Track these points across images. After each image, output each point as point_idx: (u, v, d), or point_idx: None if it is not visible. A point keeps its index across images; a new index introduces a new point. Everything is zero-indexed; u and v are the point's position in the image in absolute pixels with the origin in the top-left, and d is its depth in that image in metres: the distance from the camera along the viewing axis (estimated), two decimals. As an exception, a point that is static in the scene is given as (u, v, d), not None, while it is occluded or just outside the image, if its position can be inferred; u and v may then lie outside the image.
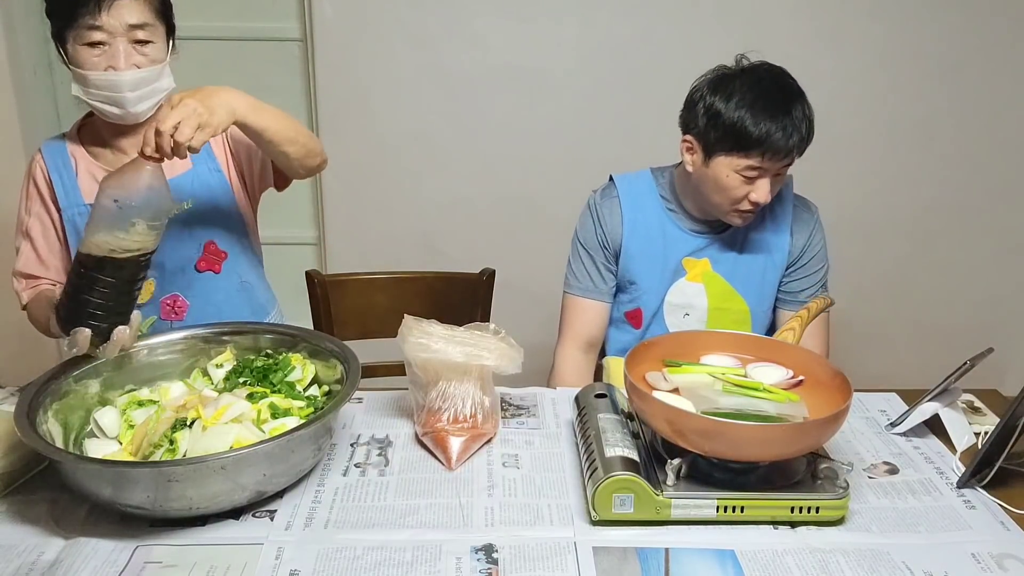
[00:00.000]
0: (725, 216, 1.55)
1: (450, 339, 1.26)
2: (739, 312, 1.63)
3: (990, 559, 1.04)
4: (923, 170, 2.67)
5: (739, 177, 1.46)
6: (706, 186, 1.51)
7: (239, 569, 1.00)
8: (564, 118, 2.61)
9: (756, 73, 1.47)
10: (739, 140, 1.43)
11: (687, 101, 1.53)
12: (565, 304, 1.70)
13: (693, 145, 1.51)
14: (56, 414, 1.16)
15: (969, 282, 2.79)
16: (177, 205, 1.44)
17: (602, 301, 1.66)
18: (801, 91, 1.47)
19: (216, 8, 2.62)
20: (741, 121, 1.42)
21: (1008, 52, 2.55)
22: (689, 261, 1.62)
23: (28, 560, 1.02)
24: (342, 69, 2.56)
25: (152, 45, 1.35)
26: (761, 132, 1.41)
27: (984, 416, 1.40)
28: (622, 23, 2.52)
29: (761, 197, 1.47)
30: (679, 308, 1.64)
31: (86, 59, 1.32)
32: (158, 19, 1.36)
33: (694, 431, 1.06)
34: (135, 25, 1.32)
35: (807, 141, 1.46)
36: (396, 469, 1.22)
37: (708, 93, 1.48)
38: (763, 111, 1.41)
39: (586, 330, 1.67)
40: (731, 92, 1.44)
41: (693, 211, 1.61)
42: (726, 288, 1.62)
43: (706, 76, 1.51)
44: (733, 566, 1.02)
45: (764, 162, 1.44)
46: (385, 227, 2.72)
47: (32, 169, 1.47)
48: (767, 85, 1.45)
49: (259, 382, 1.27)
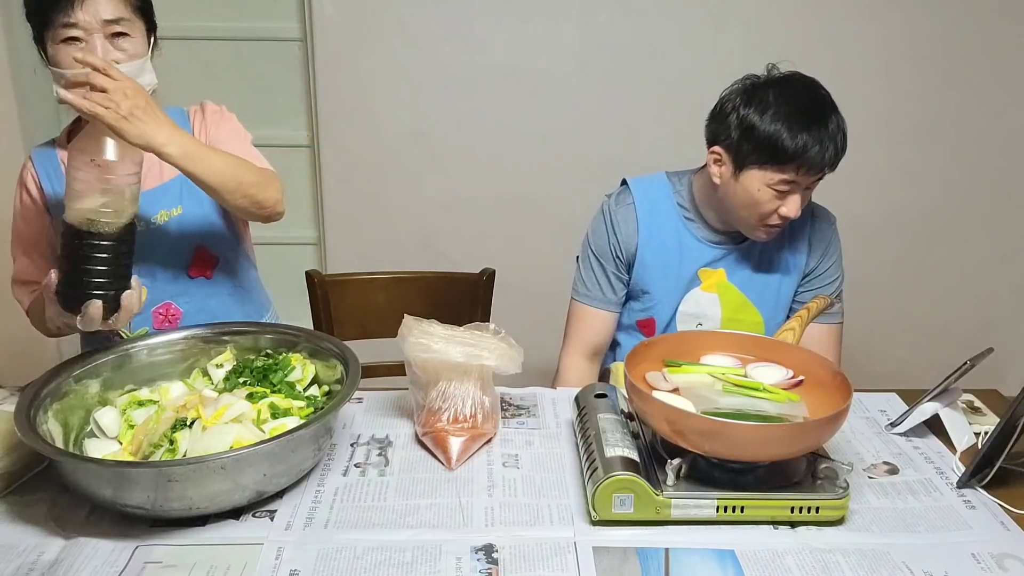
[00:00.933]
0: (751, 231, 1.51)
1: (450, 339, 1.26)
2: (753, 324, 1.60)
3: (990, 559, 1.04)
4: (923, 170, 2.67)
5: (771, 191, 1.43)
6: (734, 199, 1.48)
7: (239, 569, 1.00)
8: (564, 118, 2.61)
9: (790, 84, 1.44)
10: (775, 153, 1.39)
11: (716, 112, 1.49)
12: (572, 311, 1.68)
13: (722, 157, 1.47)
14: (56, 414, 1.16)
15: (969, 282, 2.79)
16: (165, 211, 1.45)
17: (610, 311, 1.64)
18: (834, 103, 1.44)
19: (216, 8, 2.63)
20: (778, 134, 1.38)
21: (1008, 52, 2.55)
22: (705, 272, 1.59)
23: (28, 560, 1.02)
24: (342, 69, 2.56)
25: (130, 39, 1.32)
26: (798, 146, 1.38)
27: (984, 416, 1.40)
28: (622, 23, 2.52)
29: (792, 212, 1.44)
30: (692, 318, 1.61)
31: (64, 57, 1.29)
32: (135, 14, 1.33)
33: (694, 431, 1.06)
34: (110, 20, 1.29)
35: (841, 154, 1.43)
36: (396, 469, 1.22)
37: (741, 104, 1.43)
38: (799, 124, 1.38)
39: (592, 338, 1.65)
40: (766, 104, 1.40)
41: (713, 222, 1.58)
42: (741, 299, 1.60)
43: (736, 86, 1.47)
44: (733, 566, 1.02)
45: (798, 176, 1.41)
46: (385, 227, 2.72)
47: (23, 177, 1.46)
48: (802, 97, 1.42)
49: (259, 382, 1.27)
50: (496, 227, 2.71)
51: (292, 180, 2.77)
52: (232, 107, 1.53)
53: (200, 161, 1.26)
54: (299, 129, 2.72)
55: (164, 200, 1.45)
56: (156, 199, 1.44)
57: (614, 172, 1.69)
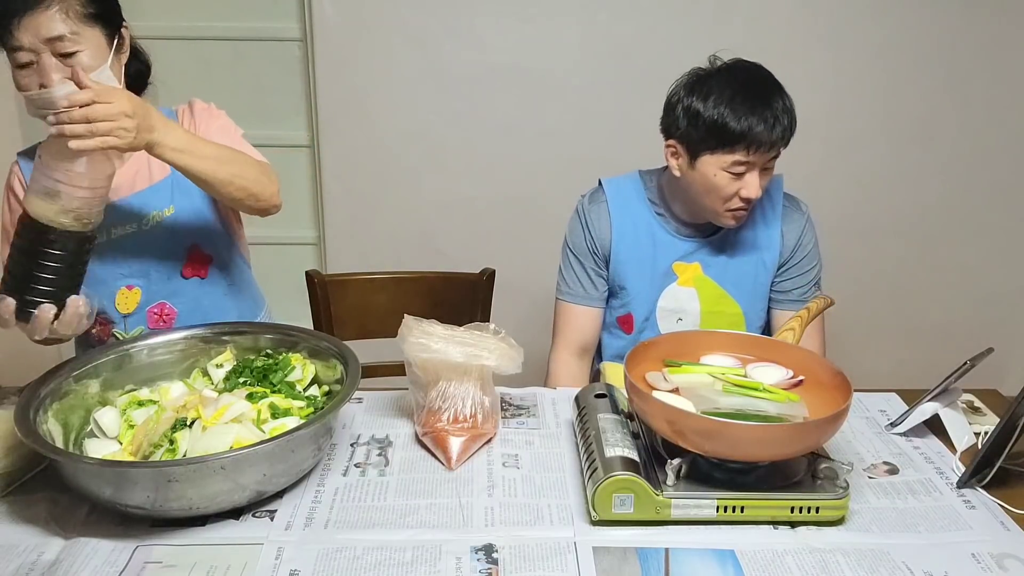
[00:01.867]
0: (717, 218, 1.54)
1: (450, 339, 1.26)
2: (732, 315, 1.62)
3: (990, 559, 1.04)
4: (923, 170, 2.67)
5: (727, 175, 1.45)
6: (695, 188, 1.51)
7: (239, 569, 1.00)
8: (564, 118, 2.61)
9: (731, 70, 1.47)
10: (722, 137, 1.43)
11: (665, 106, 1.53)
12: (558, 310, 1.70)
13: (677, 149, 1.51)
14: (56, 414, 1.16)
15: (969, 282, 2.79)
16: (156, 213, 1.44)
17: (594, 307, 1.66)
18: (778, 83, 1.47)
19: (216, 8, 2.63)
20: (722, 118, 1.41)
21: (1008, 52, 2.55)
22: (680, 266, 1.61)
23: (28, 560, 1.02)
24: (342, 69, 2.56)
25: (82, 54, 1.27)
26: (744, 126, 1.41)
27: (984, 416, 1.40)
28: (622, 23, 2.52)
29: (752, 192, 1.46)
30: (672, 313, 1.63)
31: (20, 80, 1.28)
32: (85, 24, 1.27)
33: (694, 431, 1.06)
34: (53, 38, 1.24)
35: (791, 131, 1.45)
36: (396, 469, 1.22)
37: (685, 95, 1.48)
38: (742, 105, 1.41)
39: (579, 336, 1.67)
40: (708, 91, 1.44)
41: (682, 215, 1.60)
42: (718, 291, 1.61)
43: (681, 79, 1.51)
44: (733, 566, 1.02)
45: (750, 156, 1.43)
46: (385, 227, 2.72)
47: (10, 181, 1.46)
48: (744, 80, 1.45)
49: (259, 382, 1.27)
50: (496, 227, 2.71)
51: (292, 180, 2.77)
52: (232, 107, 1.53)
53: (194, 154, 1.25)
54: (299, 129, 2.72)
55: (155, 201, 1.44)
56: (146, 200, 1.44)
57: (614, 172, 1.69)
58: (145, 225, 1.44)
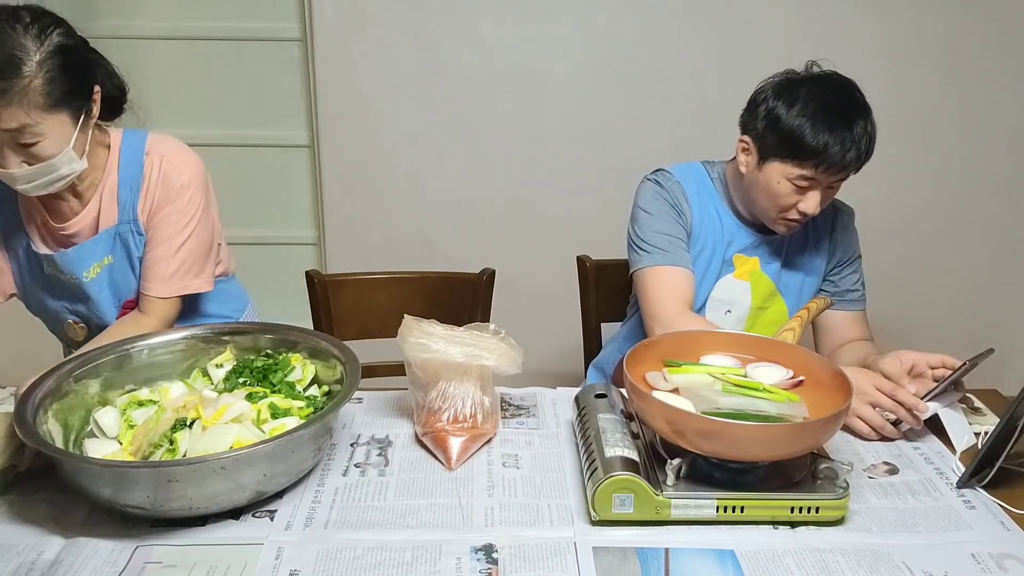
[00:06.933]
0: (771, 223, 1.54)
1: (450, 339, 1.26)
2: (778, 312, 1.63)
3: (990, 559, 1.04)
4: (923, 170, 2.67)
5: (790, 185, 1.45)
6: (756, 189, 1.51)
7: (239, 569, 1.00)
8: (564, 118, 2.61)
9: (823, 83, 1.45)
10: (795, 148, 1.41)
11: (750, 102, 1.52)
12: (651, 279, 1.52)
13: (749, 146, 1.50)
14: (56, 414, 1.16)
15: (969, 282, 2.79)
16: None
17: (690, 270, 1.55)
18: (867, 106, 1.45)
19: (216, 8, 2.63)
20: (800, 129, 1.40)
21: (1008, 52, 2.55)
22: (740, 257, 1.61)
23: (28, 560, 1.01)
24: (342, 69, 2.56)
25: (43, 142, 1.27)
26: (819, 143, 1.39)
27: (984, 416, 1.40)
28: (622, 23, 2.52)
29: (810, 208, 1.45)
30: (723, 304, 1.62)
31: None
32: (48, 112, 1.26)
33: (694, 431, 1.06)
34: (11, 130, 1.24)
35: (865, 158, 1.44)
36: (396, 469, 1.22)
37: (772, 96, 1.46)
38: (824, 122, 1.39)
39: (686, 293, 1.52)
40: (795, 99, 1.43)
41: (742, 211, 1.61)
42: (771, 288, 1.62)
43: (772, 79, 1.50)
44: (733, 566, 1.02)
45: (818, 174, 1.43)
46: (385, 227, 2.72)
47: None
48: (832, 96, 1.43)
49: (259, 382, 1.27)
50: (496, 227, 2.71)
51: (292, 180, 2.78)
52: (232, 107, 1.53)
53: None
54: (299, 129, 2.72)
55: (96, 252, 1.46)
56: (88, 252, 1.46)
57: (614, 172, 1.70)
58: (86, 278, 1.47)
